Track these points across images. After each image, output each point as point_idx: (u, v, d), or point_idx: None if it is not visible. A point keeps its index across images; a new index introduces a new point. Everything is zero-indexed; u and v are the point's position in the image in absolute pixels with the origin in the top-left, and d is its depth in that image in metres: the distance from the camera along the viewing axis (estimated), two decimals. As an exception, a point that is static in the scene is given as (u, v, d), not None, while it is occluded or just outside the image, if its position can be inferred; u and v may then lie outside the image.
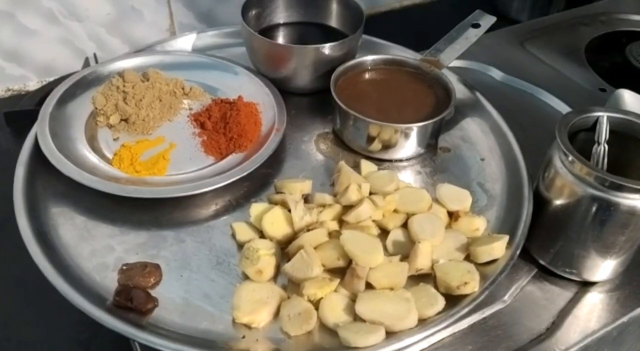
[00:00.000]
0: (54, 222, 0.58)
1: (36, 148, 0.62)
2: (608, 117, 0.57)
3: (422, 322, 0.49)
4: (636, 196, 0.51)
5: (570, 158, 0.53)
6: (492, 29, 0.76)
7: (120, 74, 0.71)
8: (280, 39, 0.79)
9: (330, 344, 0.48)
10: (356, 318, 0.50)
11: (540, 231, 0.59)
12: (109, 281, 0.53)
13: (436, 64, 0.71)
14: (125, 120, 0.68)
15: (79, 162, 0.61)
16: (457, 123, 0.72)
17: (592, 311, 0.57)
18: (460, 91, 0.70)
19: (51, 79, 0.88)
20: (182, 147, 0.67)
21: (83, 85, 0.70)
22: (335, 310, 0.50)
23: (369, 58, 0.72)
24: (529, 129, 0.73)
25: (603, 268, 0.57)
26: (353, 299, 0.51)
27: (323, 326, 0.50)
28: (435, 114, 0.65)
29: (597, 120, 0.57)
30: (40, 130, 0.63)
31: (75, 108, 0.68)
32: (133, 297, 0.50)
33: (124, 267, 0.53)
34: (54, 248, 0.55)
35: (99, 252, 0.56)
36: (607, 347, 0.59)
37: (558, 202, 0.56)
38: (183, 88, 0.73)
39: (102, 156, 0.64)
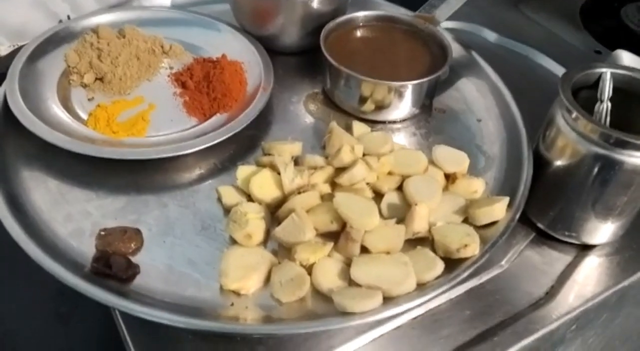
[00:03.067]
0: (26, 185, 0.54)
1: (5, 108, 0.58)
2: (612, 73, 0.55)
3: (421, 287, 0.47)
4: (641, 154, 0.49)
5: (574, 114, 0.51)
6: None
7: (95, 30, 0.66)
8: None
9: (324, 310, 0.46)
10: (351, 283, 0.47)
11: (539, 193, 0.56)
12: (86, 248, 0.49)
13: (431, 20, 0.67)
14: (101, 79, 0.64)
15: (51, 122, 0.57)
16: (452, 84, 0.69)
17: (592, 276, 0.55)
18: (455, 50, 0.67)
19: (23, 43, 0.83)
20: (163, 107, 0.63)
21: (55, 42, 0.66)
22: (329, 275, 0.48)
23: (361, 14, 0.68)
24: (524, 91, 0.70)
25: (603, 231, 0.56)
26: (348, 263, 0.48)
27: (316, 292, 0.47)
28: (430, 72, 0.62)
29: (599, 78, 0.55)
30: (9, 89, 0.59)
31: (47, 66, 0.64)
32: (112, 264, 0.47)
33: (102, 232, 0.50)
34: (26, 213, 0.51)
35: (74, 217, 0.52)
36: (607, 312, 0.57)
37: (559, 162, 0.54)
38: (162, 46, 0.68)
39: (76, 117, 0.60)
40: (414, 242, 0.51)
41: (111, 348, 0.52)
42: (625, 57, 0.71)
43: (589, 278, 0.55)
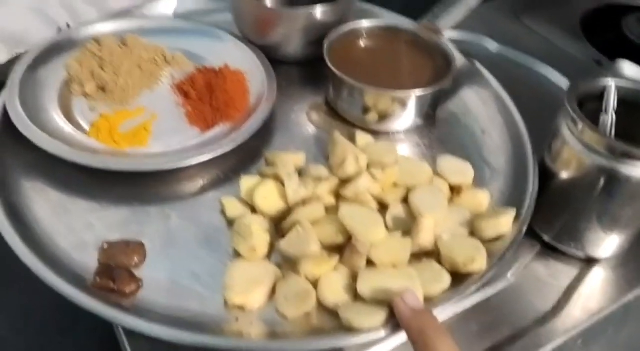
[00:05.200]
0: (27, 197, 0.53)
1: (5, 117, 0.57)
2: (616, 85, 0.55)
3: (428, 301, 0.46)
4: (647, 166, 0.49)
5: (580, 126, 0.51)
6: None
7: (96, 39, 0.66)
8: (268, 3, 0.75)
9: (330, 326, 0.45)
10: (357, 297, 0.46)
11: (545, 205, 0.56)
12: (89, 261, 0.49)
13: (434, 30, 0.67)
14: (102, 89, 0.63)
15: (52, 132, 0.56)
16: (456, 94, 0.69)
17: (598, 289, 0.55)
18: (458, 60, 0.67)
19: (22, 51, 0.82)
20: (165, 117, 0.62)
21: (56, 51, 0.65)
22: (334, 289, 0.47)
23: (364, 24, 0.68)
24: (526, 101, 0.70)
25: (609, 243, 0.55)
26: (354, 277, 0.48)
27: (322, 306, 0.47)
28: (434, 83, 0.62)
29: (604, 89, 0.55)
30: (9, 99, 0.58)
31: (48, 75, 0.63)
32: (115, 277, 0.46)
33: (105, 245, 0.49)
34: (27, 224, 0.51)
35: (76, 229, 0.51)
36: (613, 326, 0.57)
37: (565, 173, 0.54)
38: (165, 56, 0.68)
39: (78, 127, 0.59)
40: (419, 256, 0.51)
41: (112, 361, 0.51)
42: (627, 67, 0.71)
43: (595, 292, 0.55)
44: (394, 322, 0.44)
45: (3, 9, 0.79)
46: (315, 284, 0.47)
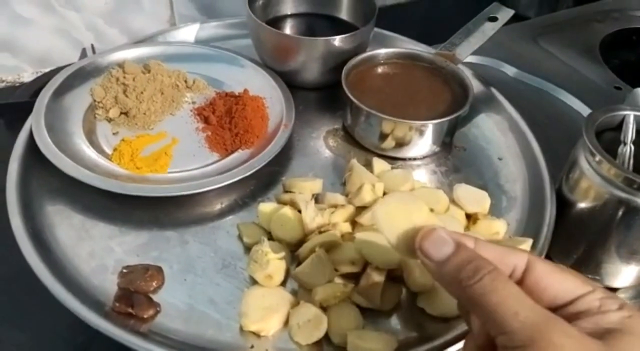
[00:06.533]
0: (50, 220, 0.55)
1: (31, 142, 0.59)
2: (635, 116, 0.55)
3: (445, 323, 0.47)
4: (666, 199, 0.48)
5: (598, 158, 0.51)
6: (503, 24, 0.73)
7: (120, 65, 0.67)
8: (288, 31, 0.76)
9: (345, 354, 0.45)
10: (365, 327, 0.47)
11: (562, 234, 0.56)
12: (108, 285, 0.50)
13: (452, 58, 0.67)
14: (126, 114, 0.65)
15: (76, 157, 0.58)
16: (472, 121, 0.69)
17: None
18: (475, 87, 0.67)
19: (47, 70, 0.85)
20: (185, 142, 0.63)
21: (81, 76, 0.67)
22: (345, 317, 0.47)
23: (382, 51, 0.69)
24: (544, 127, 0.70)
25: (626, 274, 0.55)
26: (362, 306, 0.48)
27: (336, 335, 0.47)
28: (451, 111, 0.62)
29: (623, 120, 0.55)
30: (36, 123, 0.60)
31: (73, 100, 0.65)
32: (134, 303, 0.47)
33: (125, 270, 0.50)
34: (49, 248, 0.52)
35: (97, 253, 0.52)
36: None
37: (582, 204, 0.54)
38: (186, 81, 0.69)
39: (101, 151, 0.61)
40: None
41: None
42: (645, 96, 0.71)
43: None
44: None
45: (29, 30, 0.82)
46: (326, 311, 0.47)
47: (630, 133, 0.54)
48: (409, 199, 0.39)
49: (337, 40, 0.66)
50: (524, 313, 0.31)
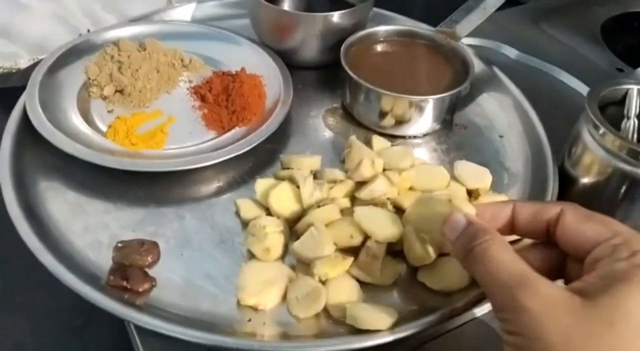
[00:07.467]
0: (44, 196, 0.54)
1: (24, 118, 0.58)
2: (639, 89, 0.54)
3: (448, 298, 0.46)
4: (672, 171, 0.48)
5: (602, 130, 0.50)
6: (504, 7, 0.71)
7: (115, 43, 0.66)
8: (286, 8, 0.75)
9: (344, 328, 0.44)
10: (365, 300, 0.46)
11: (565, 211, 0.55)
12: (103, 260, 0.49)
13: (452, 35, 0.67)
14: (120, 92, 0.64)
15: (70, 133, 0.57)
16: (473, 99, 0.68)
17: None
18: (476, 66, 0.66)
19: (43, 56, 0.84)
20: (182, 120, 0.62)
21: (75, 54, 0.66)
22: (345, 291, 0.46)
23: (381, 29, 0.68)
24: (545, 107, 0.69)
25: (631, 250, 0.54)
26: (362, 281, 0.47)
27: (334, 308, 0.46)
28: (451, 87, 0.61)
29: (626, 94, 0.54)
30: (29, 99, 0.59)
31: (67, 77, 0.64)
32: (129, 276, 0.46)
33: (119, 245, 0.49)
34: (43, 223, 0.51)
35: (92, 228, 0.51)
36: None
37: (586, 179, 0.53)
38: (182, 60, 0.68)
39: (96, 128, 0.60)
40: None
41: (125, 362, 0.51)
42: (650, 75, 0.70)
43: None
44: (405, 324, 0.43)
45: (25, 15, 0.81)
46: (325, 284, 0.47)
47: (634, 107, 0.53)
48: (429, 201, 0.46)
49: (336, 17, 0.65)
50: (502, 277, 0.32)
